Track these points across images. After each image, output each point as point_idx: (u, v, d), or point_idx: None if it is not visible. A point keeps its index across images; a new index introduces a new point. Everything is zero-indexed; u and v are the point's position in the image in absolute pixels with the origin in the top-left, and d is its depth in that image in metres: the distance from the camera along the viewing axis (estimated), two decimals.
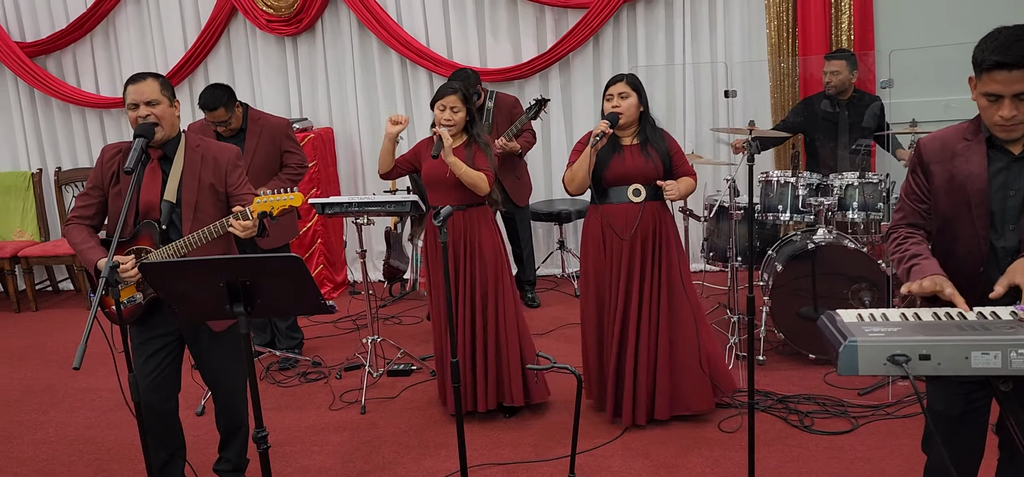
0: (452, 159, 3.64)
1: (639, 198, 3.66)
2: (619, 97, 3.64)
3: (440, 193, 3.81)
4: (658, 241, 3.69)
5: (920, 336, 1.87)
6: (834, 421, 3.76)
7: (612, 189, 3.68)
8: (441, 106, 3.76)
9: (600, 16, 5.79)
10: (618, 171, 3.65)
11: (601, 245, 3.73)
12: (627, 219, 3.66)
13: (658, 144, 3.69)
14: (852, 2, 5.51)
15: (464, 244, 3.83)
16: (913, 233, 2.38)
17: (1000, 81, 2.12)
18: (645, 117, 3.72)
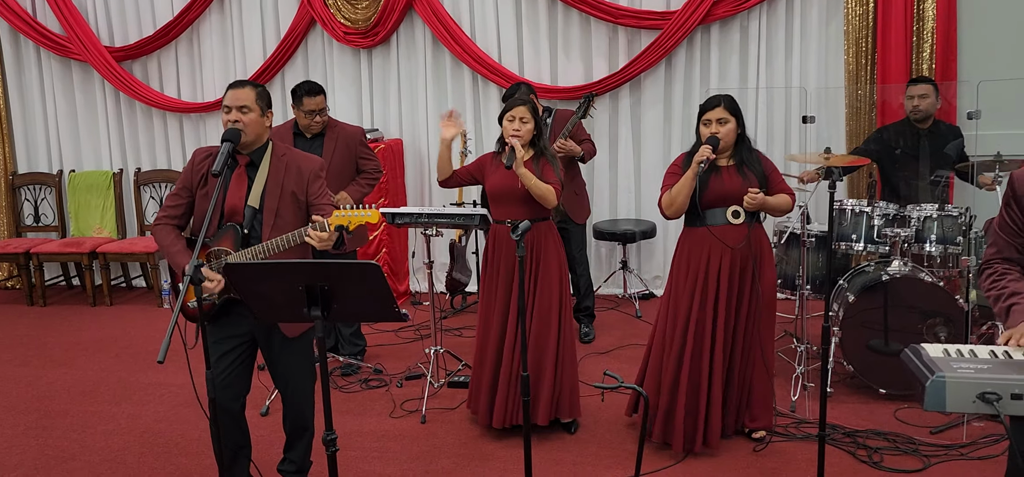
0: (523, 171, 3.66)
1: (738, 220, 3.63)
2: (718, 123, 3.62)
3: (507, 207, 3.83)
4: (756, 264, 3.66)
5: (1013, 375, 1.82)
6: (905, 459, 3.66)
7: (709, 211, 3.65)
8: (510, 117, 3.79)
9: (674, 37, 5.77)
10: (717, 192, 3.62)
11: (697, 266, 3.67)
12: (725, 239, 3.62)
13: (754, 165, 3.66)
14: (935, 30, 5.37)
15: (531, 258, 3.84)
16: (1010, 269, 2.31)
17: None
18: (742, 139, 3.70)
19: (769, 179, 3.67)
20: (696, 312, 3.67)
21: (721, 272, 3.63)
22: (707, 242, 3.65)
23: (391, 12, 6.21)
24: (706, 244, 3.66)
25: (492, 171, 3.90)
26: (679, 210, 3.63)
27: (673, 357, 3.73)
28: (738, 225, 3.63)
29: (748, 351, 3.73)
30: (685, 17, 5.70)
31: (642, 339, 5.33)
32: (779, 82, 5.77)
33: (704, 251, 3.66)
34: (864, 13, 5.50)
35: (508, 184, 3.78)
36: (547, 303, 3.84)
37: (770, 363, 3.80)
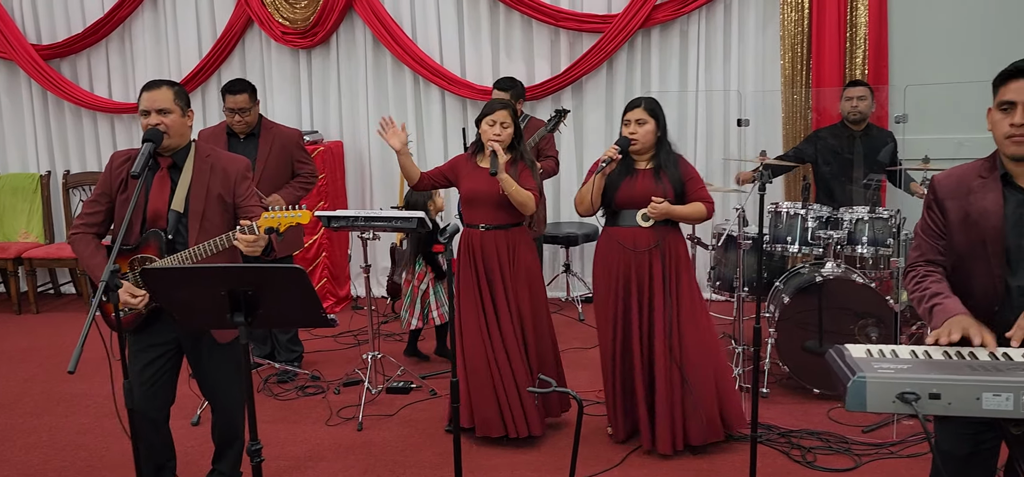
0: (505, 176, 3.61)
1: (647, 223, 3.63)
2: (636, 123, 3.62)
3: (482, 211, 3.77)
4: (668, 267, 3.65)
5: (931, 374, 1.83)
6: (837, 458, 3.70)
7: (622, 212, 3.67)
8: (490, 121, 3.73)
9: (615, 41, 5.79)
10: (627, 195, 3.63)
11: (610, 268, 3.70)
12: (634, 242, 3.63)
13: (672, 170, 3.65)
14: (868, 35, 5.49)
15: (505, 264, 3.78)
16: (932, 271, 2.34)
17: (1015, 89, 2.14)
18: (662, 142, 3.69)
19: (686, 186, 3.65)
20: (614, 312, 3.68)
21: (630, 274, 3.63)
22: (618, 243, 3.66)
23: (330, 12, 6.11)
24: (617, 245, 3.66)
25: (467, 174, 3.82)
26: (588, 208, 3.63)
27: (607, 357, 3.75)
28: (647, 229, 3.62)
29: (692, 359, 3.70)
30: (625, 20, 5.72)
31: (584, 342, 5.33)
32: (718, 85, 5.83)
33: (616, 252, 3.67)
34: (799, 18, 5.59)
35: (483, 188, 3.72)
36: (519, 311, 3.79)
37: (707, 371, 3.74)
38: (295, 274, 2.39)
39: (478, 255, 3.78)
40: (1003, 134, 2.18)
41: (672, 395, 3.65)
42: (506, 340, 3.77)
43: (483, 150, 3.79)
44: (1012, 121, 2.13)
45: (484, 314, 3.77)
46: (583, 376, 4.71)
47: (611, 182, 3.62)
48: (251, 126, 4.57)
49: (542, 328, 3.87)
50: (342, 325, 5.76)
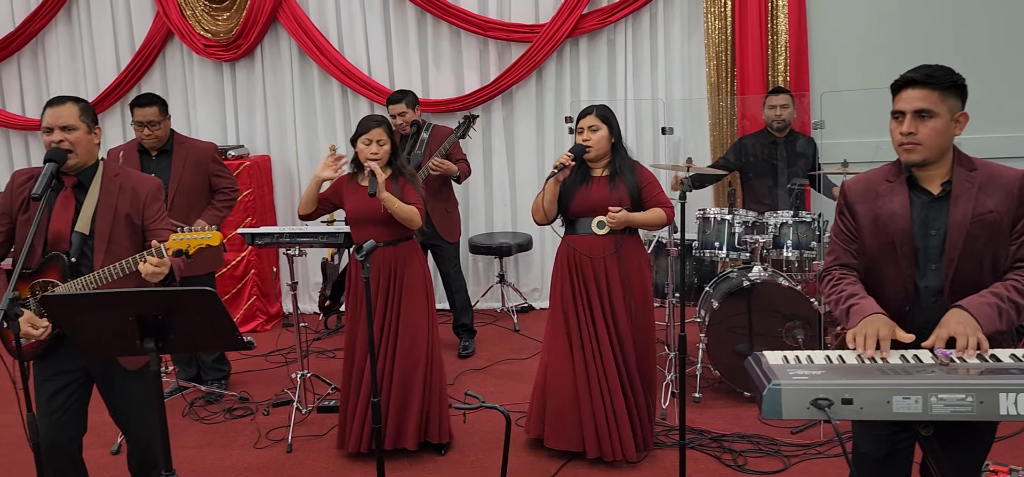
0: (386, 195, 3.57)
1: (603, 231, 3.63)
2: (589, 130, 3.62)
3: (368, 230, 3.70)
4: (626, 274, 3.66)
5: (843, 380, 1.85)
6: (767, 460, 3.75)
7: (579, 220, 3.67)
8: (366, 140, 3.66)
9: (543, 50, 5.79)
10: (582, 202, 3.63)
11: (568, 276, 3.68)
12: (590, 250, 3.63)
13: (627, 176, 3.65)
14: (788, 44, 5.61)
15: (393, 280, 3.74)
16: (847, 273, 2.38)
17: (905, 98, 2.20)
18: (617, 149, 3.69)
19: (644, 191, 3.66)
20: (572, 319, 3.66)
21: (587, 282, 3.63)
22: (575, 251, 3.66)
23: (254, 24, 5.98)
24: (575, 253, 3.66)
25: (350, 194, 3.76)
26: (542, 218, 3.63)
27: (558, 364, 3.71)
28: (603, 236, 3.63)
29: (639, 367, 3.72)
30: (553, 30, 5.74)
31: (521, 353, 5.31)
32: (646, 93, 5.89)
33: (574, 260, 3.67)
34: (722, 27, 5.69)
35: (367, 207, 3.66)
36: (414, 324, 3.75)
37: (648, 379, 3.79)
38: (207, 297, 2.31)
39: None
40: (896, 142, 2.24)
41: (626, 402, 3.67)
42: (397, 357, 3.73)
43: (362, 169, 3.73)
44: (902, 129, 2.19)
45: (381, 331, 3.74)
46: (516, 388, 4.68)
47: (566, 190, 3.62)
48: (162, 141, 4.42)
49: (434, 341, 3.83)
50: (273, 343, 5.63)
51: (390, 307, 3.74)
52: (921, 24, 5.56)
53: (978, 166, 2.26)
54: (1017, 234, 2.21)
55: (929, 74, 2.17)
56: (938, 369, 1.89)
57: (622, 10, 5.70)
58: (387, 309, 3.74)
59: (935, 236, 2.24)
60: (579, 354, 3.67)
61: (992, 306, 2.10)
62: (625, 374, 3.67)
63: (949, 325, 2.07)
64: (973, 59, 5.45)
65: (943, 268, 2.22)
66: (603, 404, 3.64)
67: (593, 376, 3.64)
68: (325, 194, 3.82)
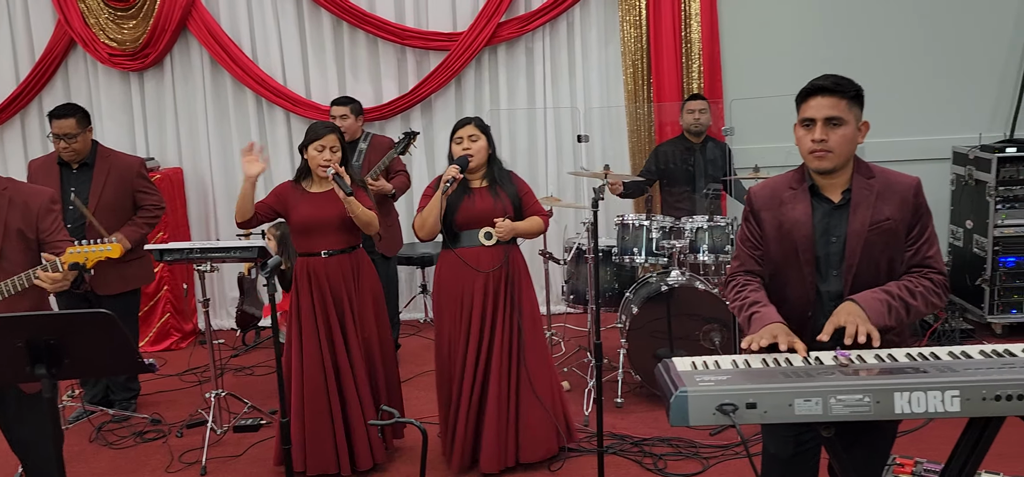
0: (351, 198, 3.49)
1: (490, 242, 3.61)
2: (469, 140, 3.60)
3: (322, 237, 3.63)
4: (511, 284, 3.65)
5: (748, 384, 1.87)
6: (686, 463, 3.80)
7: (464, 233, 3.63)
8: (318, 146, 3.58)
9: (461, 59, 5.77)
10: (469, 214, 3.60)
11: (454, 290, 3.65)
12: (479, 263, 3.61)
13: (507, 186, 3.67)
14: (702, 52, 5.72)
15: (351, 289, 3.66)
16: (750, 280, 2.42)
17: (815, 106, 2.24)
18: (493, 159, 3.70)
19: (523, 201, 3.68)
20: (460, 335, 3.63)
21: (475, 294, 3.61)
22: (462, 265, 3.62)
23: (162, 32, 5.79)
24: (461, 266, 3.62)
25: (297, 202, 3.65)
26: (431, 231, 3.58)
27: (446, 381, 3.70)
28: (491, 247, 3.62)
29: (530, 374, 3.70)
30: (471, 38, 5.73)
31: None
32: (565, 101, 5.92)
33: (460, 273, 3.63)
34: (638, 36, 5.77)
35: (320, 214, 3.58)
36: (367, 336, 3.70)
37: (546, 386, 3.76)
38: (103, 319, 2.21)
39: (322, 283, 3.64)
40: (806, 150, 2.28)
41: (511, 412, 3.65)
42: (355, 368, 3.66)
43: (310, 176, 3.67)
44: (813, 137, 2.24)
45: (332, 344, 3.65)
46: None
47: (449, 204, 3.58)
48: (81, 154, 4.24)
49: (388, 350, 3.79)
50: (187, 362, 5.45)
51: (346, 318, 3.65)
52: (829, 32, 5.75)
53: (876, 174, 2.32)
54: (912, 241, 2.29)
55: (837, 82, 2.22)
56: (838, 371, 1.94)
57: (539, 18, 5.73)
58: (343, 320, 3.65)
59: (835, 243, 2.30)
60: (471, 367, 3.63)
61: (883, 302, 2.17)
62: (527, 380, 3.65)
63: (839, 316, 2.14)
64: (881, 66, 5.68)
65: (843, 274, 2.28)
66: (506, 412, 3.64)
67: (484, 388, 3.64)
68: (266, 201, 3.71)
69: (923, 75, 5.76)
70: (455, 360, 3.66)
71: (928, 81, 5.76)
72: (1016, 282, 5.18)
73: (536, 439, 3.69)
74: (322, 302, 3.64)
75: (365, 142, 5.01)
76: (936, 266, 2.29)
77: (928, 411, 1.80)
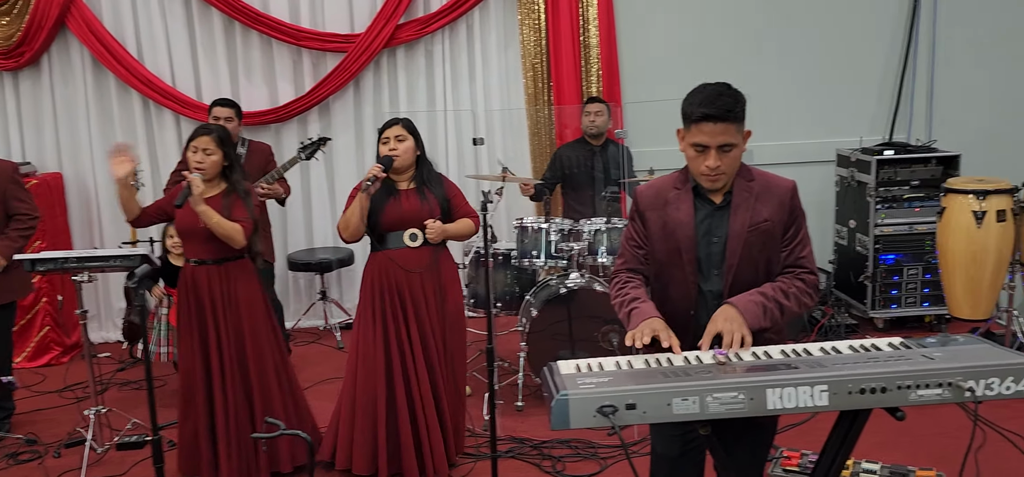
0: (202, 207, 3.36)
1: (416, 243, 3.57)
2: (396, 140, 3.55)
3: (195, 245, 3.50)
4: (440, 288, 3.62)
5: (628, 386, 1.88)
6: (584, 464, 3.83)
7: (390, 235, 3.58)
8: (193, 148, 3.46)
9: (359, 61, 5.67)
10: (394, 216, 3.55)
11: (380, 292, 3.58)
12: (405, 265, 3.56)
13: (435, 187, 3.63)
14: (600, 55, 5.79)
15: (220, 301, 3.52)
16: (632, 277, 2.44)
17: (707, 132, 2.23)
18: (422, 160, 3.65)
19: (452, 202, 3.66)
20: (386, 336, 3.58)
21: (403, 296, 3.56)
22: (388, 266, 3.57)
23: (38, 30, 5.48)
24: (388, 268, 3.58)
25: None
26: (354, 232, 3.53)
27: (370, 386, 3.61)
28: (417, 248, 3.58)
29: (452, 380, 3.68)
30: (369, 40, 5.63)
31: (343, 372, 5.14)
32: (466, 104, 5.90)
33: (387, 275, 3.58)
34: (537, 40, 5.79)
35: (193, 222, 3.43)
36: (240, 350, 3.56)
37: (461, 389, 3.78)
38: None
39: (191, 291, 3.53)
40: (699, 172, 2.29)
41: (440, 417, 3.63)
42: (227, 380, 3.54)
43: None
44: (707, 164, 2.25)
45: (207, 355, 3.53)
46: None
47: (375, 205, 3.53)
48: None
49: (267, 367, 3.65)
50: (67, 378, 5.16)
51: (226, 331, 3.52)
52: (721, 38, 5.90)
53: (755, 177, 2.38)
54: (787, 241, 2.35)
55: (728, 109, 2.20)
56: (715, 369, 1.97)
57: (438, 21, 5.68)
58: (221, 334, 3.52)
59: (717, 243, 2.34)
60: (391, 371, 3.59)
61: (758, 304, 2.22)
62: (441, 388, 3.63)
63: (717, 322, 2.17)
64: (769, 72, 5.87)
65: (723, 274, 2.32)
66: (421, 421, 3.59)
67: (413, 392, 3.58)
68: (156, 203, 3.61)
69: (809, 80, 5.98)
70: (377, 363, 3.58)
71: (814, 86, 5.98)
72: (895, 278, 5.44)
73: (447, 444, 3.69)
74: (198, 310, 3.53)
75: (243, 147, 4.87)
76: (809, 266, 2.36)
77: (799, 406, 1.84)
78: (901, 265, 5.43)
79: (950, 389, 1.84)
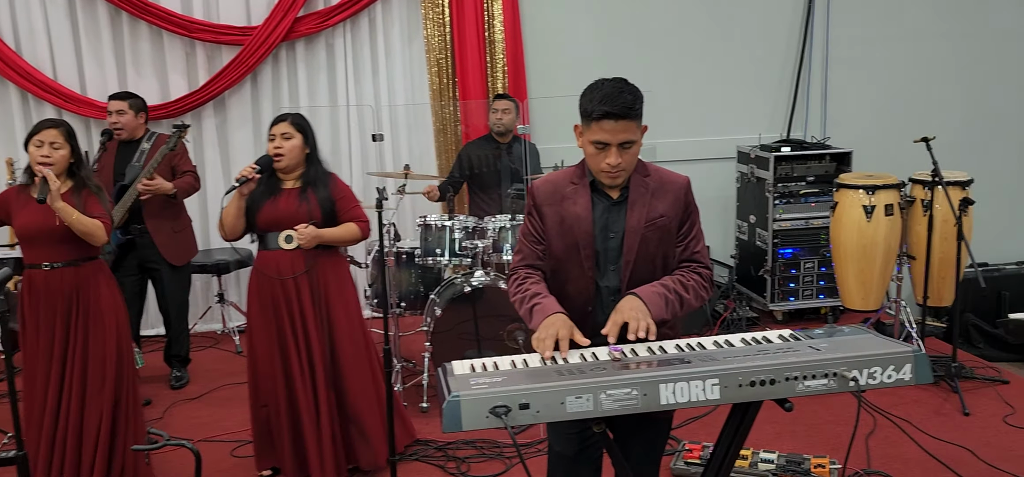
0: (60, 204, 3.15)
1: (290, 245, 3.43)
2: (281, 138, 3.41)
3: (43, 248, 3.28)
4: (318, 292, 3.49)
5: (521, 385, 1.83)
6: (489, 464, 3.78)
7: (268, 235, 3.45)
8: (37, 142, 3.25)
9: (256, 54, 5.47)
10: (269, 216, 3.41)
11: (260, 296, 3.46)
12: (278, 268, 3.42)
13: (321, 189, 3.48)
14: (505, 51, 5.75)
15: (76, 306, 3.32)
16: (532, 273, 2.40)
17: (608, 130, 2.20)
18: (311, 159, 3.51)
19: (338, 205, 3.52)
20: (268, 342, 3.45)
21: (277, 301, 3.44)
22: (266, 268, 3.46)
23: None
24: (266, 270, 3.46)
25: (20, 207, 3.30)
26: (231, 231, 3.40)
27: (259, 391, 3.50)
28: (292, 251, 3.45)
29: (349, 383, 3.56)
30: (266, 33, 5.44)
31: (243, 376, 4.92)
32: (369, 99, 5.77)
33: (266, 277, 3.46)
34: (442, 35, 5.72)
35: (42, 222, 3.22)
36: (101, 357, 3.35)
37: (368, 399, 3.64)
38: None
39: (44, 299, 3.31)
40: (599, 169, 2.27)
41: (332, 424, 3.51)
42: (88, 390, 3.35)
43: (35, 178, 3.32)
44: (608, 161, 2.22)
45: (62, 364, 3.33)
46: (237, 413, 4.35)
47: (253, 203, 3.39)
48: None
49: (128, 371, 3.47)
50: None
51: (73, 338, 3.32)
52: (624, 35, 5.95)
53: (651, 172, 2.37)
54: (682, 236, 2.36)
55: (628, 107, 2.18)
56: (611, 366, 1.94)
57: (338, 14, 5.53)
58: (69, 340, 3.32)
59: (614, 238, 2.32)
60: (290, 375, 3.48)
61: (661, 296, 2.22)
62: (324, 395, 3.49)
63: (623, 311, 2.15)
64: (672, 70, 5.96)
65: (621, 269, 2.31)
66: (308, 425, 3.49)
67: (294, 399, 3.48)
68: None
69: (711, 78, 6.10)
70: (268, 369, 3.46)
71: (716, 84, 6.11)
72: (792, 271, 5.60)
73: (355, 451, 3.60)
74: (49, 319, 3.32)
75: (149, 142, 4.63)
76: (703, 261, 2.37)
77: (691, 400, 1.83)
78: (798, 259, 5.59)
79: (835, 379, 1.86)
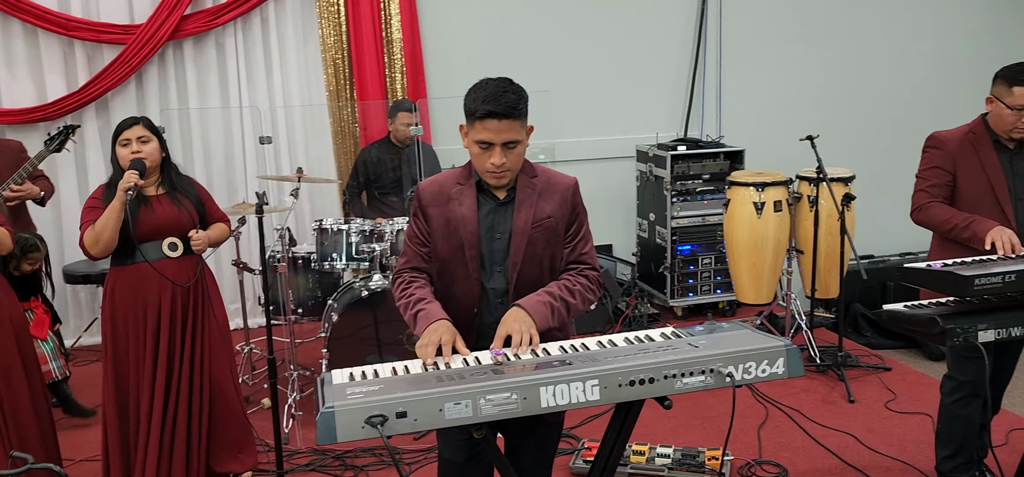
0: None
1: (176, 253, 3.29)
2: (138, 141, 3.24)
3: None
4: (199, 298, 3.37)
5: (398, 393, 1.79)
6: (388, 471, 3.73)
7: (146, 246, 3.24)
8: None
9: (141, 54, 5.22)
10: (150, 224, 3.23)
11: (133, 308, 3.26)
12: (176, 276, 3.28)
13: (188, 191, 3.37)
14: (403, 51, 5.68)
15: None
16: (417, 277, 2.36)
17: (492, 129, 2.17)
18: (168, 163, 3.38)
19: (206, 207, 3.44)
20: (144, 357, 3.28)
21: (162, 311, 3.28)
22: (146, 280, 3.26)
23: None
24: (145, 282, 3.26)
25: None
26: (106, 246, 3.17)
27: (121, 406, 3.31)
28: (178, 258, 3.31)
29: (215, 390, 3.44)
30: (151, 31, 5.20)
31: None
32: (264, 100, 5.59)
33: (144, 290, 3.27)
34: (338, 36, 5.60)
35: None
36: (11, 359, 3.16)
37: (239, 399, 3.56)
38: None
39: None
40: (484, 169, 2.24)
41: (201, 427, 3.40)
42: None
43: None
44: (492, 161, 2.19)
45: None
46: None
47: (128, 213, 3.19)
48: None
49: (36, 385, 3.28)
50: None
51: None
52: (521, 34, 5.96)
53: (538, 173, 2.35)
54: (569, 238, 2.35)
55: (512, 106, 2.16)
56: (492, 371, 1.91)
57: (228, 13, 5.34)
58: None
59: (500, 239, 2.30)
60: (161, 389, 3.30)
61: (546, 304, 2.20)
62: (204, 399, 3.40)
63: (507, 324, 2.13)
64: (570, 69, 5.99)
65: (507, 271, 2.28)
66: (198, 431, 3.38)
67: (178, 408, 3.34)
68: None
69: (609, 78, 6.17)
70: (141, 385, 3.28)
71: (614, 84, 6.18)
72: (691, 268, 5.72)
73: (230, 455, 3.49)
74: None
75: None
76: (591, 263, 2.37)
77: (572, 402, 1.82)
78: (696, 255, 5.71)
79: (712, 375, 1.88)
